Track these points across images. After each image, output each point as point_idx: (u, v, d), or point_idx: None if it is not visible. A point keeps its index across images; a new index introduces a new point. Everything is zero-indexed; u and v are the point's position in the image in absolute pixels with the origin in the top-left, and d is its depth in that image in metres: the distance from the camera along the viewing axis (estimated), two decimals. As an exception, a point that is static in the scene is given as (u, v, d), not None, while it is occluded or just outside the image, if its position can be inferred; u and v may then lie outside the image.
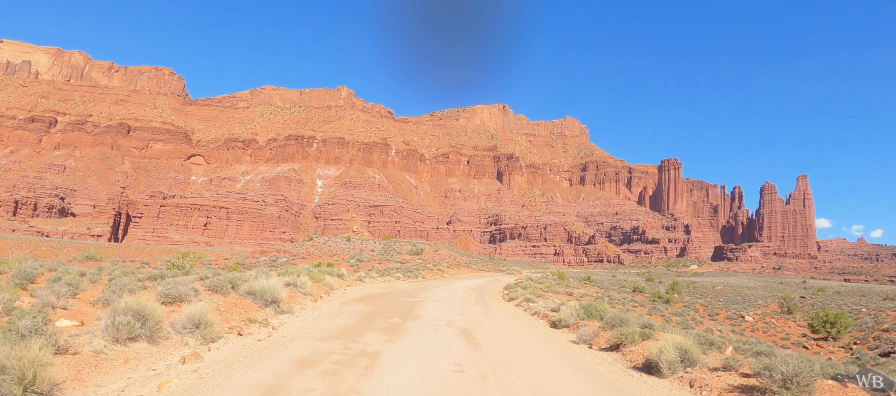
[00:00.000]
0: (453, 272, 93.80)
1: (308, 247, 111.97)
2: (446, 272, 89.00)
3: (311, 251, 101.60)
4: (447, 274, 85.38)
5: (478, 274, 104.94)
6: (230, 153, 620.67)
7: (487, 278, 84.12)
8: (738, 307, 76.22)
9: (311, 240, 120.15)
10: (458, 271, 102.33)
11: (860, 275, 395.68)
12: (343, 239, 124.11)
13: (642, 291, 78.73)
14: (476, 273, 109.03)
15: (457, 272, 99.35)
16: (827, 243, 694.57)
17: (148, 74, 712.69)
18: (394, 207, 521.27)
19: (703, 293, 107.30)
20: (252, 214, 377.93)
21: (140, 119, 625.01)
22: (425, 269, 77.95)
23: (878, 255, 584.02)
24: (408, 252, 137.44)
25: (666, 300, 65.56)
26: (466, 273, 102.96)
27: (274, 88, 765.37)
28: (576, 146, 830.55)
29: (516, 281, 61.90)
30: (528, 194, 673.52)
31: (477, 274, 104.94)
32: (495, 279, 76.42)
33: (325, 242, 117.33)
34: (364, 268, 63.46)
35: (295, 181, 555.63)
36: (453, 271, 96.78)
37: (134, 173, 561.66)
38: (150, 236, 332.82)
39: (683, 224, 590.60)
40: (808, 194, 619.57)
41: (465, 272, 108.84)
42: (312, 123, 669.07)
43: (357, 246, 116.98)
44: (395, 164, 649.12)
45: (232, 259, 74.28)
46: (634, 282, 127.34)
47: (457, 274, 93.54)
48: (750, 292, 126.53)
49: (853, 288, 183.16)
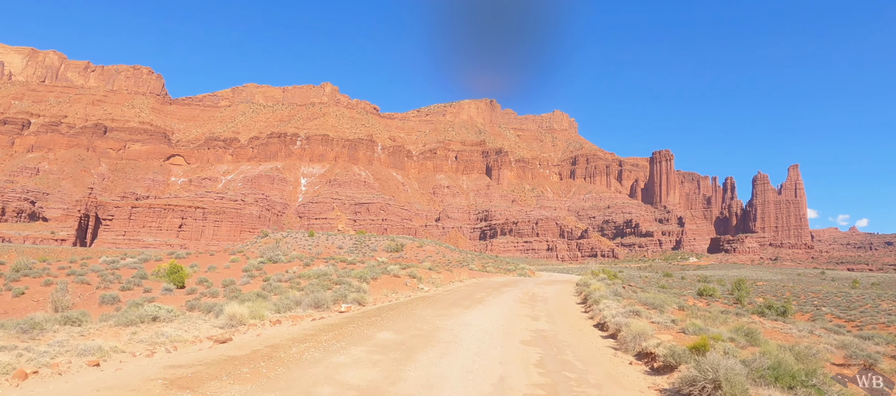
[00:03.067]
0: (445, 278, 60.64)
1: (259, 246, 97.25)
2: (431, 277, 55.74)
3: (255, 250, 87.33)
4: (437, 279, 55.08)
5: (488, 277, 75.74)
6: (211, 153, 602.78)
7: (519, 294, 46.11)
8: (849, 311, 61.15)
9: (265, 236, 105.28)
10: (452, 275, 66.01)
11: (859, 264, 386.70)
12: (305, 235, 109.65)
13: (711, 294, 63.07)
14: (484, 275, 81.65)
15: (451, 276, 64.73)
16: (819, 232, 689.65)
17: (126, 74, 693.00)
18: (380, 204, 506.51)
19: (757, 291, 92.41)
20: (230, 214, 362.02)
21: (117, 119, 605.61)
22: (401, 271, 51.89)
23: (870, 244, 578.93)
24: (385, 249, 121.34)
25: (782, 310, 50.91)
26: (469, 278, 69.56)
27: (256, 85, 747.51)
28: (565, 140, 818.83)
29: (590, 286, 43.37)
30: (518, 190, 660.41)
31: (487, 277, 76.20)
32: (533, 293, 45.78)
33: (281, 238, 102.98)
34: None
35: (278, 180, 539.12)
36: (445, 275, 63.08)
37: (111, 175, 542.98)
38: (121, 239, 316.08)
39: (677, 216, 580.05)
40: (799, 184, 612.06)
41: (466, 275, 73.20)
42: (296, 121, 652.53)
43: (320, 243, 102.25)
44: (382, 161, 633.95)
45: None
46: (660, 279, 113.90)
47: (454, 279, 62.98)
48: (793, 287, 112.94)
49: None
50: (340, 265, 60.24)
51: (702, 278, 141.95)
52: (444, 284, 55.99)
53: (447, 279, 62.30)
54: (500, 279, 72.06)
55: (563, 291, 51.56)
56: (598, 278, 62.39)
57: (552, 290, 51.74)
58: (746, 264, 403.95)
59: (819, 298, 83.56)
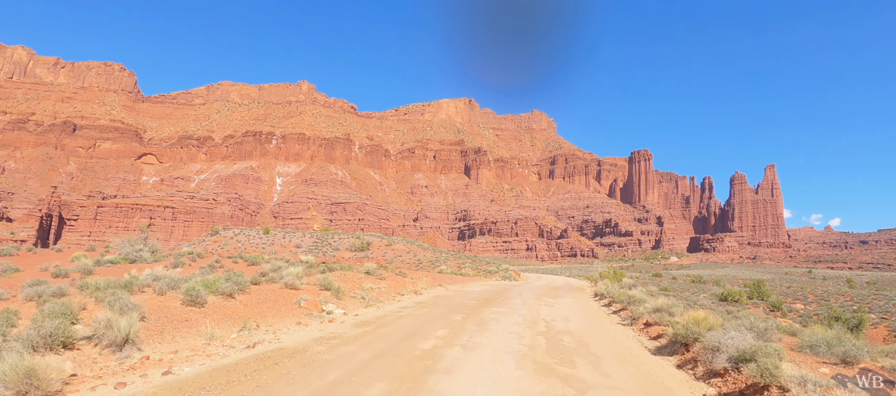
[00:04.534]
0: (393, 287, 42.64)
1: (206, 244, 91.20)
2: (363, 287, 37.92)
3: (203, 249, 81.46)
4: (373, 291, 37.69)
5: (463, 283, 60.35)
6: (184, 152, 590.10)
7: (521, 331, 29.92)
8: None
9: (216, 234, 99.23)
10: (404, 284, 46.90)
11: (836, 262, 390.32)
12: (259, 232, 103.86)
13: (737, 300, 53.81)
14: (457, 280, 64.41)
15: (402, 285, 45.71)
16: (795, 232, 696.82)
17: (97, 70, 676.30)
18: (357, 204, 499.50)
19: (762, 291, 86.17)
20: (201, 213, 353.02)
21: (87, 117, 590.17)
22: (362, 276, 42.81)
23: (846, 243, 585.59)
24: (349, 248, 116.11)
25: (855, 323, 45.90)
26: (433, 288, 49.99)
27: (231, 83, 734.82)
28: (544, 140, 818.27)
29: (637, 300, 31.42)
30: (497, 189, 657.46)
31: (461, 283, 60.90)
32: (549, 329, 27.51)
33: (232, 236, 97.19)
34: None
35: (252, 179, 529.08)
36: (393, 283, 44.66)
37: (79, 174, 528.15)
38: (86, 240, 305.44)
39: (656, 216, 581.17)
40: (776, 184, 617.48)
41: (429, 282, 52.96)
42: (272, 119, 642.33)
43: (276, 241, 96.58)
44: (359, 160, 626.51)
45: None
46: (653, 280, 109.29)
47: (405, 289, 44.03)
48: (801, 287, 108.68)
49: (889, 278, 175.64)
50: (240, 265, 46.20)
51: (696, 278, 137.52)
52: (384, 300, 36.25)
53: (395, 288, 42.31)
54: (478, 288, 53.37)
55: (589, 312, 34.49)
56: (613, 279, 54.77)
57: (575, 315, 32.24)
58: (727, 263, 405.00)
59: (849, 301, 76.85)
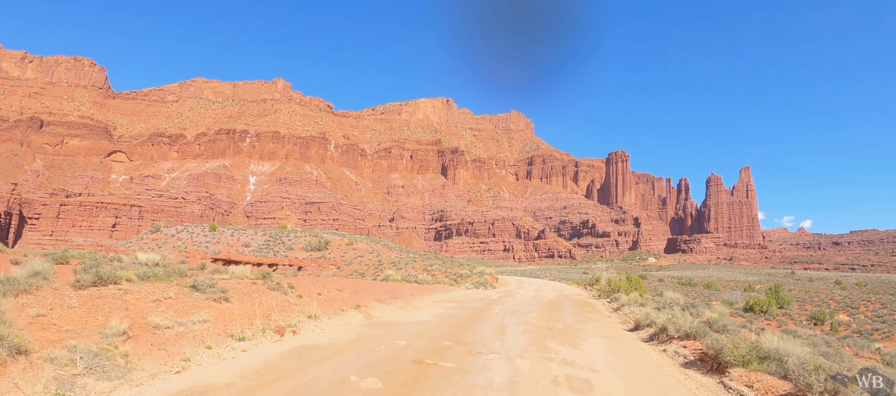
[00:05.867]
0: (299, 308, 24.90)
1: (144, 242, 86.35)
2: None
3: (137, 247, 76.82)
4: (296, 306, 24.78)
5: (418, 296, 42.90)
6: (155, 149, 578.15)
7: None
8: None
9: (158, 231, 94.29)
10: (333, 293, 30.88)
11: (812, 263, 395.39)
12: (205, 229, 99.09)
13: (765, 310, 50.50)
14: (414, 293, 43.82)
15: (333, 298, 29.87)
16: (769, 233, 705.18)
17: (66, 65, 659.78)
18: (332, 204, 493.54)
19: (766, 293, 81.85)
20: (169, 212, 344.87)
21: (55, 113, 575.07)
22: None
23: (819, 244, 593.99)
24: (305, 247, 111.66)
25: None
26: (385, 304, 34.64)
27: (205, 80, 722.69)
28: (521, 141, 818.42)
29: None
30: (474, 189, 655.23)
31: (419, 295, 43.48)
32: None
33: (174, 233, 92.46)
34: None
35: (225, 178, 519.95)
36: (306, 300, 26.60)
37: (46, 172, 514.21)
38: (47, 240, 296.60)
39: (633, 217, 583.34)
40: (750, 186, 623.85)
41: (349, 299, 31.77)
42: (246, 117, 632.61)
43: (223, 239, 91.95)
44: (335, 159, 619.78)
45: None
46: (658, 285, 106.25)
47: (291, 315, 23.33)
48: (790, 289, 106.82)
49: (874, 278, 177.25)
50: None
51: (686, 281, 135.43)
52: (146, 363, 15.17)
53: (241, 320, 20.30)
54: (430, 313, 32.24)
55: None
56: (632, 290, 45.61)
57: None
58: (705, 264, 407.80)
59: (881, 308, 71.20)
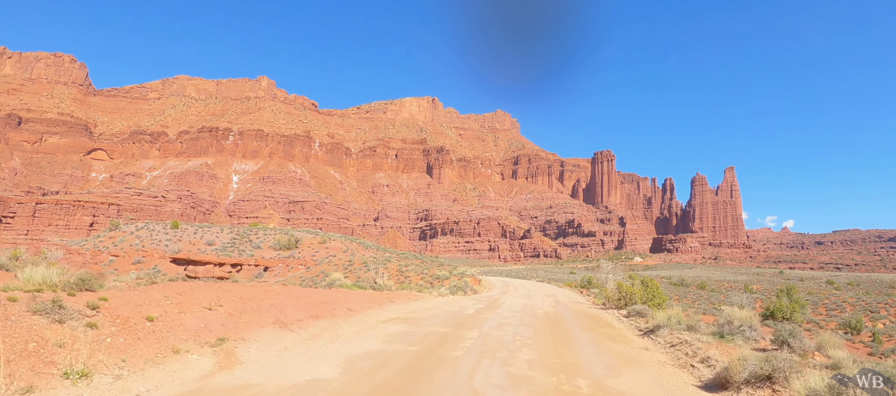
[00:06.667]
0: None
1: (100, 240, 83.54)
2: None
3: (92, 245, 74.07)
4: None
5: (382, 310, 31.50)
6: (136, 147, 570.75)
7: None
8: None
9: (116, 228, 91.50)
10: None
11: (797, 263, 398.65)
12: (166, 226, 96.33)
13: (788, 317, 46.61)
14: (371, 304, 32.62)
15: None
16: (753, 233, 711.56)
17: (46, 61, 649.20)
18: (316, 203, 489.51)
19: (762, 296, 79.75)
20: (148, 211, 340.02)
21: (34, 110, 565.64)
22: None
23: (802, 243, 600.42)
24: (273, 246, 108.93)
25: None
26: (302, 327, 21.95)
27: (188, 77, 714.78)
28: (507, 140, 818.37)
29: None
30: (459, 189, 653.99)
31: (376, 307, 32.22)
32: None
33: (134, 231, 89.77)
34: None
35: (207, 176, 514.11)
36: None
37: (24, 170, 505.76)
38: (23, 239, 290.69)
39: (618, 217, 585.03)
40: (735, 186, 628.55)
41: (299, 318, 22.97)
42: (229, 115, 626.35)
43: (185, 236, 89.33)
44: (319, 158, 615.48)
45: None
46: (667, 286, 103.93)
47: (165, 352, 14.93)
48: (817, 294, 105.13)
49: (864, 278, 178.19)
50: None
51: (677, 281, 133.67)
52: None
53: None
54: (344, 353, 17.97)
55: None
56: (656, 304, 36.88)
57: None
58: (691, 263, 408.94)
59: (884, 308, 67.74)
